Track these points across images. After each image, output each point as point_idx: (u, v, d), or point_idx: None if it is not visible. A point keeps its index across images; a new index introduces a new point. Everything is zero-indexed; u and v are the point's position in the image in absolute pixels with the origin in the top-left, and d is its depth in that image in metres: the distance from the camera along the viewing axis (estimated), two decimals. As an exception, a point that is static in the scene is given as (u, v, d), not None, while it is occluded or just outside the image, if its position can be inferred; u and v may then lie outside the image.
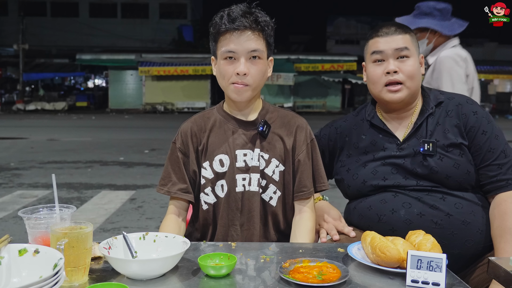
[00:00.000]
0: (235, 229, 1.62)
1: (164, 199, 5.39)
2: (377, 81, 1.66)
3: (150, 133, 13.51)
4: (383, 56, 1.64)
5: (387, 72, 1.63)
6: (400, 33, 1.64)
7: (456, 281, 1.17)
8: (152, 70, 23.43)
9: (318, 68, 24.05)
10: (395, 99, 1.64)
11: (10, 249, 1.11)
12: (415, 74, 1.64)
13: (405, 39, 1.64)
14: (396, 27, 1.66)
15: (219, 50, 1.57)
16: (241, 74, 1.53)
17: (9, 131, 13.74)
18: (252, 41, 1.53)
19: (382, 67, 1.65)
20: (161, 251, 1.30)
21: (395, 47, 1.63)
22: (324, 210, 1.76)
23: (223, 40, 1.55)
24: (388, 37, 1.64)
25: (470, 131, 1.61)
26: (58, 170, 7.55)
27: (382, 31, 1.66)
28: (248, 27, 1.52)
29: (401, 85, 1.63)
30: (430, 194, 1.58)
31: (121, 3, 32.98)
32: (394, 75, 1.62)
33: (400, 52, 1.63)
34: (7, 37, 28.90)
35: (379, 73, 1.65)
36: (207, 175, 1.63)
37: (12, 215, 4.93)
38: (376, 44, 1.66)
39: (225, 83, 1.58)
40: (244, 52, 1.53)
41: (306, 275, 1.16)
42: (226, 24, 1.52)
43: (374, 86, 1.68)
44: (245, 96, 1.57)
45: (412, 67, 1.63)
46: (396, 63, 1.63)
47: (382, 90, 1.66)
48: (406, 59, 1.63)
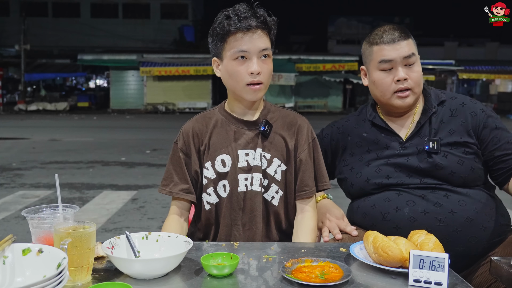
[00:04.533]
0: (237, 229, 1.62)
1: (166, 199, 5.39)
2: (387, 88, 1.66)
3: (151, 133, 13.52)
4: (392, 64, 1.65)
5: (397, 80, 1.64)
6: (405, 38, 1.65)
7: (458, 280, 1.17)
8: (154, 71, 23.43)
9: (320, 68, 24.03)
10: (404, 105, 1.66)
11: (14, 249, 1.12)
12: (421, 79, 1.67)
13: (410, 44, 1.65)
14: (399, 32, 1.66)
15: (228, 50, 1.55)
16: (255, 73, 1.53)
17: (11, 131, 13.75)
18: (262, 40, 1.54)
19: (391, 75, 1.65)
20: (163, 250, 1.31)
21: (404, 55, 1.63)
22: (327, 208, 1.76)
23: (234, 41, 1.53)
24: (395, 44, 1.64)
25: (484, 128, 1.63)
26: (60, 170, 7.57)
27: (387, 37, 1.65)
28: (259, 27, 1.53)
29: (409, 91, 1.65)
30: (433, 192, 1.59)
31: (123, 4, 33.01)
32: (404, 83, 1.64)
33: (408, 60, 1.64)
34: (8, 38, 28.94)
35: (388, 81, 1.66)
36: (209, 175, 1.63)
37: (14, 215, 4.95)
38: (383, 52, 1.65)
39: (237, 84, 1.57)
40: (256, 51, 1.53)
41: (308, 275, 1.16)
42: (236, 24, 1.51)
43: (383, 93, 1.68)
44: (259, 95, 1.58)
45: (419, 73, 1.66)
46: (405, 70, 1.64)
47: (391, 97, 1.67)
48: (413, 66, 1.65)
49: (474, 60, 27.64)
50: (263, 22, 1.54)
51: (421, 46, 23.13)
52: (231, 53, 1.54)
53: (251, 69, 1.53)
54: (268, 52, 1.56)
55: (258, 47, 1.54)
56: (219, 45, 1.57)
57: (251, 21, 1.52)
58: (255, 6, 1.56)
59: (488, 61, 27.82)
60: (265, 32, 1.56)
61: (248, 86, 1.55)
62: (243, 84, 1.55)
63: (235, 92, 1.60)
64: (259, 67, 1.54)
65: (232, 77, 1.57)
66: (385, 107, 1.73)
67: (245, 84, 1.55)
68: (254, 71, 1.53)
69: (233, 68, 1.55)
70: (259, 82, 1.55)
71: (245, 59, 1.54)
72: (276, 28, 1.60)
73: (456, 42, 32.34)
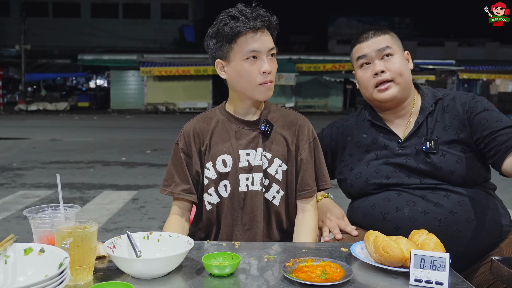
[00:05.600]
0: (238, 228, 1.63)
1: (166, 199, 5.40)
2: (368, 84, 1.70)
3: (152, 133, 13.52)
4: (368, 59, 1.69)
5: (375, 74, 1.67)
6: (379, 34, 1.70)
7: (459, 280, 1.18)
8: (154, 71, 23.45)
9: (320, 68, 24.05)
10: (386, 97, 1.67)
11: (16, 248, 1.12)
12: (403, 70, 1.68)
13: (385, 39, 1.70)
14: (374, 30, 1.73)
15: (238, 51, 1.53)
16: (267, 72, 1.55)
17: (11, 131, 13.76)
18: (269, 39, 1.56)
19: (369, 70, 1.70)
20: (165, 250, 1.31)
21: (378, 48, 1.68)
22: (327, 208, 1.76)
23: (244, 41, 1.52)
24: (369, 41, 1.70)
25: (475, 114, 1.60)
26: (60, 170, 7.56)
27: (362, 36, 1.72)
28: (265, 26, 1.55)
29: (390, 83, 1.67)
30: (434, 192, 1.59)
31: (123, 4, 33.02)
32: (382, 75, 1.67)
33: (383, 52, 1.68)
34: (9, 38, 28.95)
35: (368, 76, 1.70)
36: (210, 175, 1.64)
37: (14, 215, 4.95)
38: (359, 50, 1.72)
39: (249, 85, 1.56)
40: (266, 50, 1.55)
41: (309, 274, 1.17)
42: (246, 24, 1.51)
43: (366, 89, 1.72)
44: (271, 94, 1.60)
45: (398, 64, 1.67)
46: (381, 63, 1.67)
47: (373, 92, 1.70)
48: (390, 57, 1.68)
49: (475, 60, 27.64)
50: (269, 22, 1.56)
51: (421, 46, 23.13)
52: (242, 54, 1.53)
53: (263, 68, 1.54)
54: (274, 51, 1.58)
55: (267, 47, 1.55)
56: (225, 46, 1.55)
57: (259, 21, 1.53)
58: (257, 7, 1.56)
59: (488, 61, 27.81)
60: (270, 32, 1.58)
61: (260, 86, 1.56)
62: (256, 84, 1.55)
63: (244, 93, 1.59)
64: (270, 66, 1.55)
65: (243, 77, 1.56)
66: (373, 104, 1.76)
67: (258, 84, 1.56)
68: (266, 70, 1.54)
69: (244, 69, 1.55)
70: (270, 81, 1.57)
71: (255, 59, 1.54)
72: (278, 28, 1.61)
73: (456, 42, 32.32)
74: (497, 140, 1.51)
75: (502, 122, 1.54)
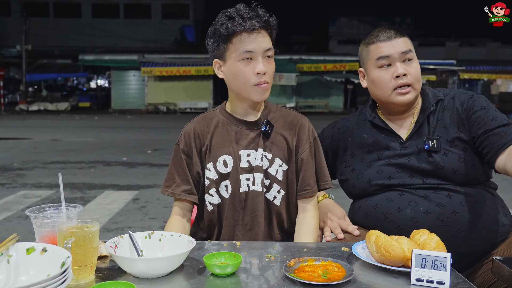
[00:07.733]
0: (240, 229, 1.63)
1: (167, 200, 5.40)
2: (387, 85, 1.66)
3: (152, 134, 13.52)
4: (390, 60, 1.65)
5: (396, 76, 1.64)
6: (401, 36, 1.67)
7: (460, 280, 1.18)
8: (155, 71, 23.44)
9: (321, 68, 24.02)
10: (405, 101, 1.65)
11: (18, 248, 1.12)
12: (420, 75, 1.68)
13: (406, 41, 1.67)
14: (395, 30, 1.68)
15: (233, 51, 1.54)
16: (261, 73, 1.54)
17: (12, 131, 13.77)
18: (266, 40, 1.55)
19: (390, 72, 1.66)
20: (166, 250, 1.31)
21: (401, 51, 1.64)
22: (328, 208, 1.76)
23: (239, 42, 1.52)
24: (392, 41, 1.65)
25: (472, 112, 1.61)
26: (61, 170, 7.56)
27: (383, 35, 1.67)
28: (262, 27, 1.54)
29: (410, 87, 1.65)
30: (436, 192, 1.59)
31: (124, 4, 33.04)
32: (404, 78, 1.64)
33: (406, 55, 1.65)
34: (10, 38, 28.99)
35: (387, 77, 1.66)
36: (211, 176, 1.64)
37: (16, 215, 4.95)
38: (380, 49, 1.66)
39: (244, 85, 1.56)
40: (261, 51, 1.54)
41: (311, 274, 1.17)
42: (241, 24, 1.51)
43: (383, 90, 1.68)
44: (267, 95, 1.59)
45: (418, 69, 1.67)
46: (403, 66, 1.65)
47: (391, 94, 1.66)
48: (411, 62, 1.66)
49: (475, 60, 27.62)
50: (266, 22, 1.55)
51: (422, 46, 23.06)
52: (237, 54, 1.53)
53: (257, 69, 1.53)
54: (271, 53, 1.57)
55: (263, 47, 1.54)
56: (222, 46, 1.56)
57: (255, 22, 1.52)
58: (256, 7, 1.56)
59: (489, 61, 27.79)
60: (267, 32, 1.56)
61: (255, 86, 1.55)
62: (250, 84, 1.55)
63: (240, 93, 1.60)
64: (265, 67, 1.54)
65: (238, 78, 1.56)
66: (386, 105, 1.73)
67: (252, 85, 1.55)
68: (260, 71, 1.53)
69: (238, 69, 1.55)
70: (266, 82, 1.56)
71: (250, 60, 1.54)
72: (277, 29, 1.61)
73: (457, 42, 32.32)
74: (490, 139, 1.53)
75: (497, 120, 1.55)
